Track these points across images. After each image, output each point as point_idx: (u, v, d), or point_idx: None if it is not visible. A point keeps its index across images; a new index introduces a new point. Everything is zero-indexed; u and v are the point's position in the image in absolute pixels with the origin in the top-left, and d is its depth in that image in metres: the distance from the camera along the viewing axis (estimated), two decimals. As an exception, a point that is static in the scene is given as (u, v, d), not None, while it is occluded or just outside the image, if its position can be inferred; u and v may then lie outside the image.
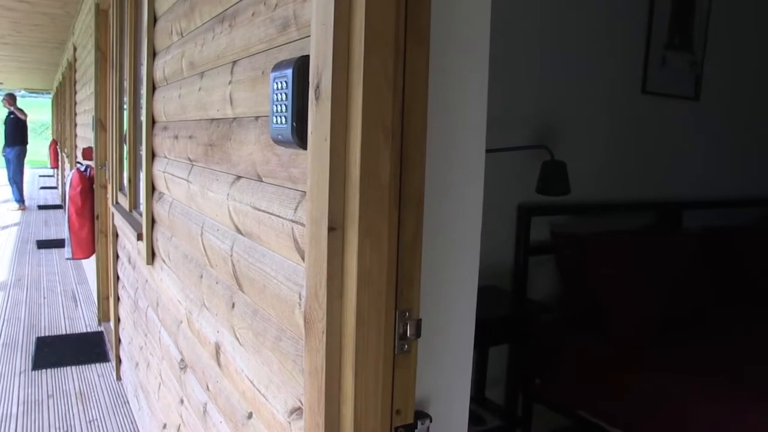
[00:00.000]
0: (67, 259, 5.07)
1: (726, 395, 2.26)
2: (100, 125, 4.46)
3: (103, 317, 4.74)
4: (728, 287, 3.46)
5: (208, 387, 1.75)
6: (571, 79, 3.09)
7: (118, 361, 3.77)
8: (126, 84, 3.42)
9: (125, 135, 3.37)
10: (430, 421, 1.02)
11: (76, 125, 7.21)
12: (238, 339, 1.47)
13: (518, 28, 2.86)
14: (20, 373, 3.86)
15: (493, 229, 2.91)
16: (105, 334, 4.54)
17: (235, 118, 1.48)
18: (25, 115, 10.96)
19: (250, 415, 1.40)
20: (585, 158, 3.18)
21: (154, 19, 2.40)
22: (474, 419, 2.70)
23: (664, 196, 3.57)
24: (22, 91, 21.28)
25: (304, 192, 1.05)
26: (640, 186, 3.46)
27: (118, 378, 3.76)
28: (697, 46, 3.58)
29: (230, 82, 1.50)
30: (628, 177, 3.39)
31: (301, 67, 1.01)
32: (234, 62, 1.48)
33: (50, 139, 17.31)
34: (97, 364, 4.03)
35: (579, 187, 3.14)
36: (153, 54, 2.42)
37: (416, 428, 0.99)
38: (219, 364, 1.63)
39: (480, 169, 1.02)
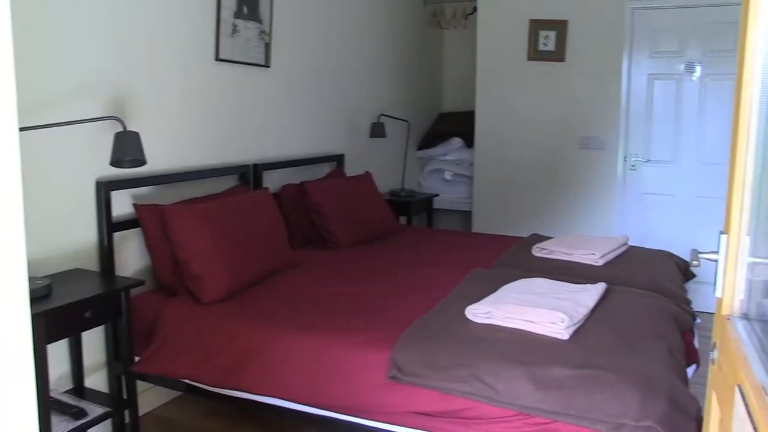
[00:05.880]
0: None
1: (307, 333, 2.50)
2: None
3: None
4: (308, 234, 3.86)
5: None
6: (143, 48, 3.01)
7: None
8: None
9: None
10: (-11, 431, 0.91)
11: None
12: None
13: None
14: None
15: (70, 209, 2.73)
16: None
17: None
18: None
19: None
20: (162, 127, 3.16)
21: None
22: (75, 414, 2.53)
23: (245, 158, 3.74)
24: None
25: None
26: (221, 151, 3.57)
27: None
28: (264, 16, 3.79)
29: None
30: (208, 143, 3.47)
31: None
32: None
33: None
34: None
35: (159, 157, 3.12)
36: None
37: (-28, 442, 0.88)
38: None
39: (13, 147, 0.91)
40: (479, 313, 2.52)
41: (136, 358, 2.78)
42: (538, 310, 2.44)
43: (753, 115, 1.26)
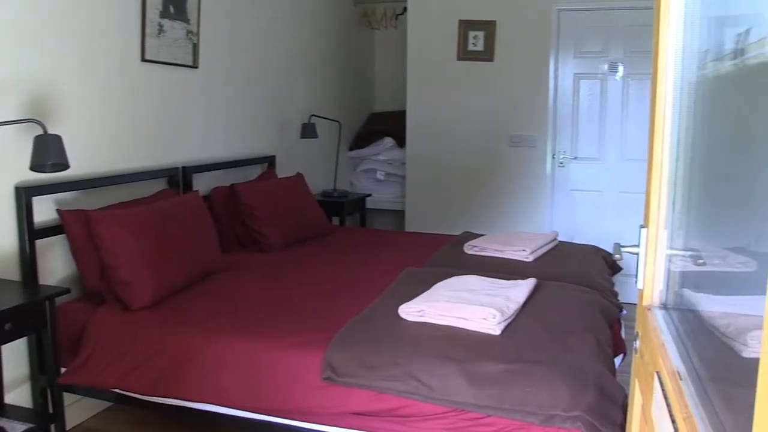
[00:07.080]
0: None
1: (239, 337, 2.47)
2: None
3: None
4: (240, 237, 3.83)
5: None
6: (64, 48, 2.91)
7: None
8: None
9: None
10: None
11: None
12: None
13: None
14: None
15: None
16: None
17: None
18: None
19: None
20: (86, 130, 3.06)
21: None
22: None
23: (174, 161, 3.67)
24: None
25: None
26: (149, 154, 3.48)
27: None
28: (192, 16, 3.72)
29: None
30: (135, 146, 3.38)
31: None
32: None
33: None
34: None
35: (84, 161, 3.02)
36: None
37: None
38: None
39: None
40: (412, 311, 2.54)
41: (63, 370, 2.68)
42: (470, 307, 2.47)
43: (667, 114, 1.31)
